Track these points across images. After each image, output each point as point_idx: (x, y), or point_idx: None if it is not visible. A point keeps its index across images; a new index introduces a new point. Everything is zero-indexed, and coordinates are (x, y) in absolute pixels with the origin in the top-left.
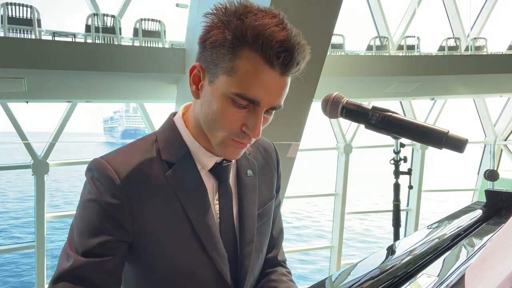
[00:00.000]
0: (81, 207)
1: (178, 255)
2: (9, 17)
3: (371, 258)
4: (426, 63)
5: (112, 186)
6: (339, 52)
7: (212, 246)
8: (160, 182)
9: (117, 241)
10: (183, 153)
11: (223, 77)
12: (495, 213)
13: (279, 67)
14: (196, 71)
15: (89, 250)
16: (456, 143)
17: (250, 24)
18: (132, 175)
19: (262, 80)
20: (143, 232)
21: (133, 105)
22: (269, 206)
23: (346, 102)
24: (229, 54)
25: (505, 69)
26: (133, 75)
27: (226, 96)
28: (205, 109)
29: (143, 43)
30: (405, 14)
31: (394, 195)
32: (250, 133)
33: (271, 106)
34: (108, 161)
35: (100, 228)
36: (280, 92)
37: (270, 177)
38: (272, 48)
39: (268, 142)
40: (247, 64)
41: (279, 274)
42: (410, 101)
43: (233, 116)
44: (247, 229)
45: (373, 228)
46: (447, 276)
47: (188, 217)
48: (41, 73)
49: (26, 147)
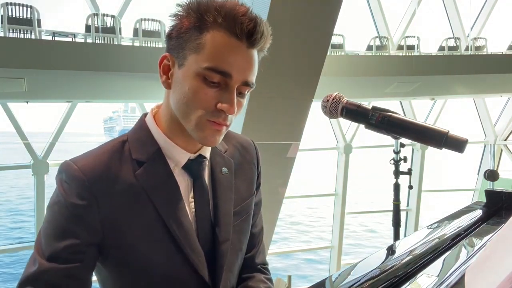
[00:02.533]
0: (49, 210)
1: (153, 254)
2: (9, 17)
3: (371, 258)
4: (426, 63)
5: (79, 187)
6: (339, 52)
7: (187, 243)
8: (130, 181)
9: (85, 244)
10: (153, 151)
11: (192, 56)
12: (495, 213)
13: (245, 38)
14: (166, 60)
15: (55, 254)
16: (456, 143)
17: (211, 4)
18: (100, 175)
19: (230, 51)
20: (114, 232)
21: (132, 105)
22: (247, 203)
23: (346, 102)
24: (195, 33)
25: (505, 69)
26: (133, 75)
27: (197, 74)
28: (177, 94)
29: (143, 43)
30: (405, 14)
31: (394, 195)
32: (225, 109)
33: (242, 80)
34: (76, 163)
35: (67, 231)
36: (250, 66)
37: (250, 174)
38: (236, 19)
39: (247, 140)
40: (213, 38)
41: (256, 281)
42: (410, 101)
43: (206, 94)
44: (222, 227)
45: (372, 228)
46: (447, 276)
47: (160, 216)
48: (41, 73)
49: (26, 147)
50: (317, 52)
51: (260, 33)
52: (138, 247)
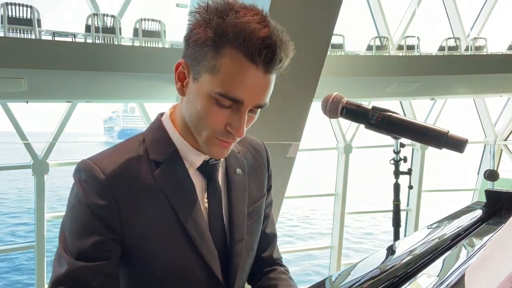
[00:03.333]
0: (70, 210)
1: (169, 253)
2: (9, 17)
3: (371, 258)
4: (426, 63)
5: (99, 186)
6: (339, 52)
7: (202, 243)
8: (148, 181)
9: (110, 242)
10: (170, 152)
11: (206, 76)
12: (495, 213)
13: (262, 64)
14: (181, 68)
15: (84, 253)
16: (456, 143)
17: (231, 22)
18: (120, 175)
19: (245, 79)
20: (132, 232)
21: (131, 105)
22: (259, 204)
23: (346, 102)
24: (211, 52)
25: (505, 69)
26: (133, 75)
27: (209, 96)
28: (190, 107)
29: (143, 43)
30: (405, 14)
31: (394, 195)
32: (234, 132)
33: (255, 105)
34: (95, 162)
35: (92, 229)
36: (264, 91)
37: (261, 176)
38: (254, 46)
39: (258, 142)
40: (229, 63)
41: (278, 272)
42: (410, 101)
43: (217, 115)
44: (237, 227)
45: (372, 227)
46: (447, 276)
47: (177, 216)
48: (41, 73)
49: (26, 147)
50: (317, 52)
51: (279, 60)
52: (154, 247)
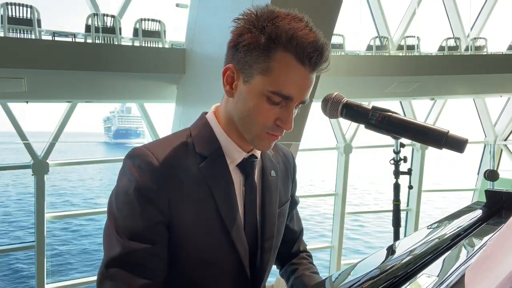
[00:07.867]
0: (122, 194)
1: (205, 244)
2: (9, 17)
3: (371, 258)
4: (426, 63)
5: (153, 172)
6: (339, 52)
7: (238, 238)
8: (195, 172)
9: (161, 224)
10: (215, 147)
11: (258, 77)
12: (495, 213)
13: (310, 65)
14: (230, 72)
15: (138, 234)
16: (456, 143)
17: (283, 28)
18: (171, 164)
19: (295, 78)
20: (176, 218)
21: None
22: (285, 207)
23: (346, 102)
24: (263, 56)
25: (505, 69)
26: (133, 75)
27: (262, 94)
28: (240, 106)
29: (143, 43)
30: (405, 14)
31: (394, 195)
32: (283, 125)
33: (301, 101)
34: (149, 149)
35: (144, 212)
36: (309, 88)
37: (287, 182)
38: (305, 49)
39: (288, 150)
40: (281, 65)
41: (300, 258)
42: (410, 101)
43: (268, 112)
44: (268, 225)
45: (372, 228)
46: (447, 276)
47: (217, 208)
48: (41, 73)
49: (26, 147)
50: None
51: (324, 61)
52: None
